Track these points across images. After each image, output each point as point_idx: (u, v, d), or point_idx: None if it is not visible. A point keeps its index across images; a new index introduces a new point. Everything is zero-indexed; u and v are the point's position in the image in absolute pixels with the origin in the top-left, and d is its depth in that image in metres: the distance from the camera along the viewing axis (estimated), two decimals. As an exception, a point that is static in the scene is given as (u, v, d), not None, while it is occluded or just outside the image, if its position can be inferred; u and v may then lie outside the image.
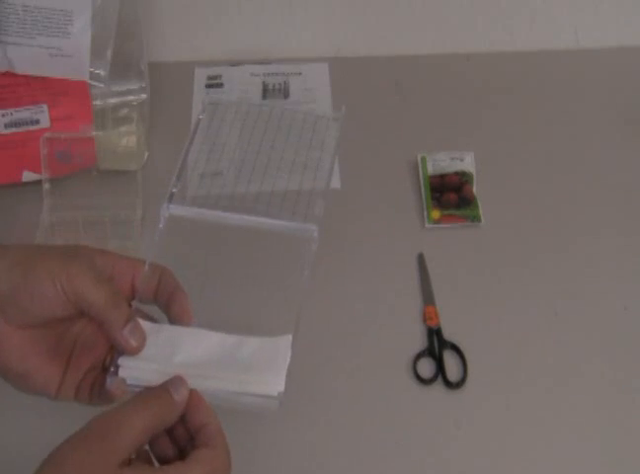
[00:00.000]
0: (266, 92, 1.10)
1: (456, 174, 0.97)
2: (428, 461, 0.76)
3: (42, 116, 0.92)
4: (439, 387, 0.81)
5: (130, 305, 0.65)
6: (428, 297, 0.87)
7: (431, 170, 0.98)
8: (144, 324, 0.63)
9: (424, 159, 0.99)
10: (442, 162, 0.98)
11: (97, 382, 0.64)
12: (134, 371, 0.61)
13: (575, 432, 0.78)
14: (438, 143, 1.02)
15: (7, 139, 0.92)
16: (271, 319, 0.74)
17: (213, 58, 1.14)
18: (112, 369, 0.62)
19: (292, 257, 0.73)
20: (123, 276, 0.65)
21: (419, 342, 0.84)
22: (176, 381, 0.60)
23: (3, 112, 0.91)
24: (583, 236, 0.94)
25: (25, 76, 0.91)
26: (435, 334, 0.84)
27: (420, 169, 0.98)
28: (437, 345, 0.84)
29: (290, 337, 0.64)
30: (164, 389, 0.59)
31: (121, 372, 0.62)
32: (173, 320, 0.65)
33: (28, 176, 0.94)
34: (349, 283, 0.89)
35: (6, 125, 0.92)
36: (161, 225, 0.73)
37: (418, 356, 0.83)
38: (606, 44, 1.15)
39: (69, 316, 0.62)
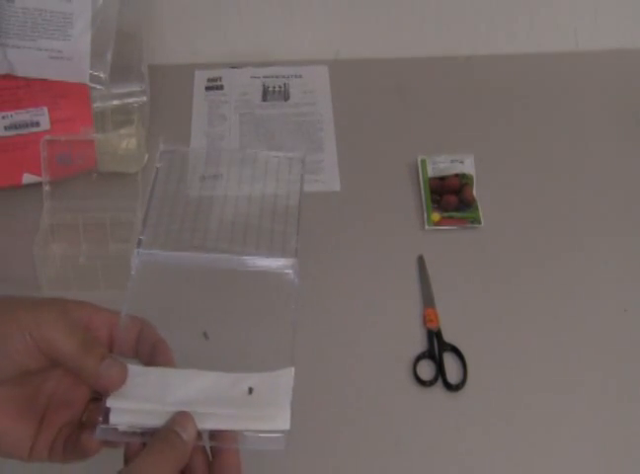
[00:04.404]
0: (266, 94, 1.10)
1: (456, 176, 0.97)
2: (428, 463, 0.76)
3: (43, 118, 0.92)
4: (438, 389, 0.81)
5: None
6: (428, 300, 0.87)
7: (431, 172, 0.98)
8: (131, 367, 0.59)
9: (424, 161, 0.99)
10: (442, 164, 0.98)
11: (70, 438, 0.60)
12: (126, 415, 0.57)
13: (574, 434, 0.78)
14: (438, 145, 1.02)
15: (7, 142, 0.92)
16: (263, 358, 0.70)
17: (213, 61, 1.14)
18: (100, 419, 0.57)
19: (276, 292, 0.71)
20: (100, 329, 0.61)
21: (419, 344, 0.84)
22: (181, 420, 0.56)
23: (3, 114, 0.91)
24: (583, 238, 0.94)
25: (25, 79, 0.91)
26: (435, 336, 0.84)
27: (420, 171, 0.98)
28: (437, 347, 0.84)
29: (292, 370, 0.60)
30: (171, 430, 0.56)
31: (113, 417, 0.57)
32: None
33: (28, 178, 0.94)
34: (348, 286, 0.89)
35: (6, 128, 0.92)
36: (133, 272, 0.70)
37: (418, 359, 0.83)
38: (606, 47, 1.15)
39: (41, 368, 0.58)
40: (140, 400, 0.57)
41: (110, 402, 0.57)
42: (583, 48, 1.16)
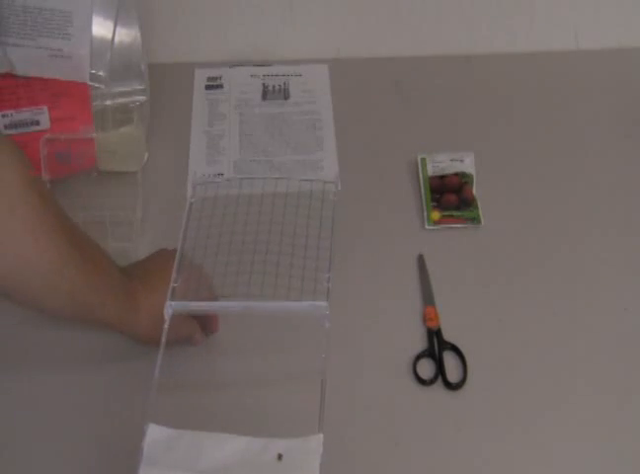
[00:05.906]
0: (266, 93, 1.10)
1: (456, 175, 0.97)
2: (428, 462, 0.76)
3: (42, 117, 0.92)
4: (438, 388, 0.81)
5: None
6: (428, 298, 0.87)
7: (431, 171, 0.98)
8: (164, 430, 0.61)
9: (424, 160, 0.99)
10: (442, 163, 0.98)
11: None
12: None
13: (575, 432, 0.78)
14: (438, 144, 1.02)
15: (7, 140, 0.92)
16: (293, 412, 0.71)
17: (213, 59, 1.14)
18: None
19: (307, 337, 0.72)
20: None
21: (419, 343, 0.84)
22: None
23: (3, 113, 0.91)
24: (583, 237, 0.94)
25: (25, 77, 0.91)
26: (435, 335, 0.84)
27: (420, 170, 0.98)
28: (436, 346, 0.84)
29: (322, 436, 0.61)
30: None
31: None
32: None
33: (28, 177, 0.94)
34: (348, 284, 0.89)
35: (6, 127, 0.92)
36: (166, 325, 0.71)
37: (418, 357, 0.83)
38: (606, 46, 1.15)
39: None
40: (172, 466, 0.59)
41: (143, 470, 0.59)
42: (583, 47, 1.16)
